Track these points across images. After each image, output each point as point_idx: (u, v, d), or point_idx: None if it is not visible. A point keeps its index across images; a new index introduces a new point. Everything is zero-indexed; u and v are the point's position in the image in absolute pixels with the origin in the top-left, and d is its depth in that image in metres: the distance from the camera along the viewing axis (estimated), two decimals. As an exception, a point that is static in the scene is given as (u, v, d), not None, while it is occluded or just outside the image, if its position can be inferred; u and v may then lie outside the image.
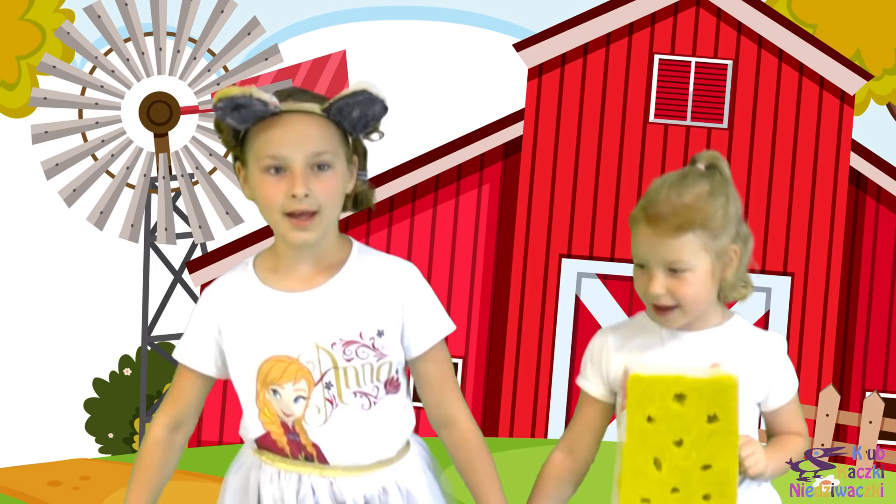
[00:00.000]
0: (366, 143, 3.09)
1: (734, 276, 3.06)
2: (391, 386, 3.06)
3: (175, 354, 3.10)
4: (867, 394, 12.37)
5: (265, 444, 3.07)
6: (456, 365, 13.96)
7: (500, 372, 13.91)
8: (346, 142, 3.03)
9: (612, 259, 13.71)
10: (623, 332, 3.16)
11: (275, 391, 3.02)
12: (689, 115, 13.71)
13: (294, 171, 2.94)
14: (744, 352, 3.07)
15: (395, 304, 3.04)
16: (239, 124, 2.96)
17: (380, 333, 3.02)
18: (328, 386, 3.00)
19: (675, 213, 2.98)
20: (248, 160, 2.99)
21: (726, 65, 13.74)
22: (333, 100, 2.94)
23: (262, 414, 3.05)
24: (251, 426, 3.08)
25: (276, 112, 2.94)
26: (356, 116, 2.96)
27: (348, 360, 3.00)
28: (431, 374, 3.12)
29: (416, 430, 3.24)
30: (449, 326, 3.10)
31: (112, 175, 16.53)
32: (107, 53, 16.58)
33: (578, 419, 3.23)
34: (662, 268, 3.00)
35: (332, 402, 3.01)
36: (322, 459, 3.02)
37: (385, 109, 2.96)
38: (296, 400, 3.01)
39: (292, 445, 3.04)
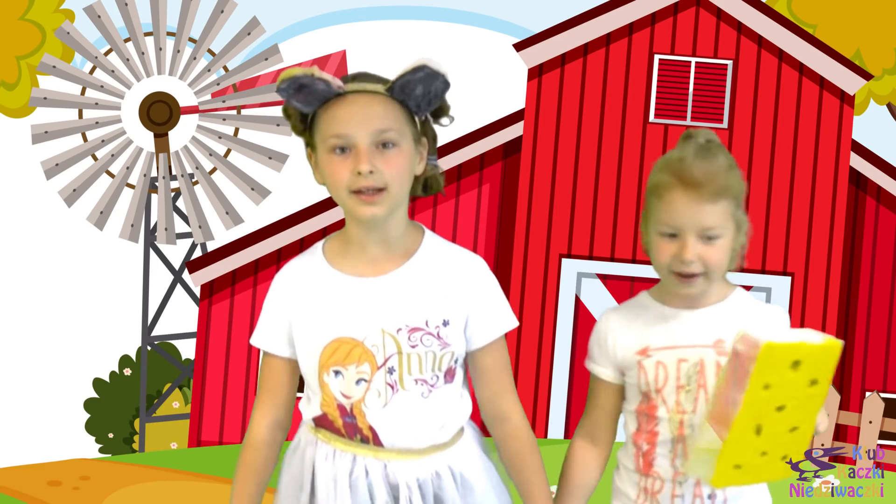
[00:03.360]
0: (436, 128, 3.11)
1: (738, 247, 3.11)
2: (449, 375, 3.10)
3: (252, 340, 3.14)
4: (867, 394, 12.37)
5: (322, 423, 3.11)
6: (456, 365, 13.88)
7: (500, 372, 13.90)
8: (413, 122, 3.04)
9: (612, 259, 13.70)
10: (626, 313, 3.18)
11: (337, 372, 3.05)
12: (689, 115, 13.71)
13: (359, 148, 2.96)
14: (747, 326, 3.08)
15: (462, 296, 3.07)
16: (304, 106, 2.99)
17: (445, 323, 3.05)
18: (391, 371, 3.03)
19: (710, 180, 3.01)
20: (317, 143, 3.03)
21: (726, 65, 13.73)
22: (395, 78, 2.97)
23: (320, 395, 3.09)
24: (310, 406, 3.12)
25: (339, 93, 2.97)
26: (420, 93, 2.98)
27: (413, 347, 3.03)
28: (489, 368, 3.16)
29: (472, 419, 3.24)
30: (512, 322, 3.15)
31: (112, 175, 16.52)
32: (107, 53, 16.58)
33: (593, 403, 3.24)
34: (696, 234, 3.03)
35: (392, 388, 3.04)
36: (377, 442, 3.06)
37: (447, 84, 2.98)
38: (357, 382, 3.04)
39: (348, 427, 3.07)
